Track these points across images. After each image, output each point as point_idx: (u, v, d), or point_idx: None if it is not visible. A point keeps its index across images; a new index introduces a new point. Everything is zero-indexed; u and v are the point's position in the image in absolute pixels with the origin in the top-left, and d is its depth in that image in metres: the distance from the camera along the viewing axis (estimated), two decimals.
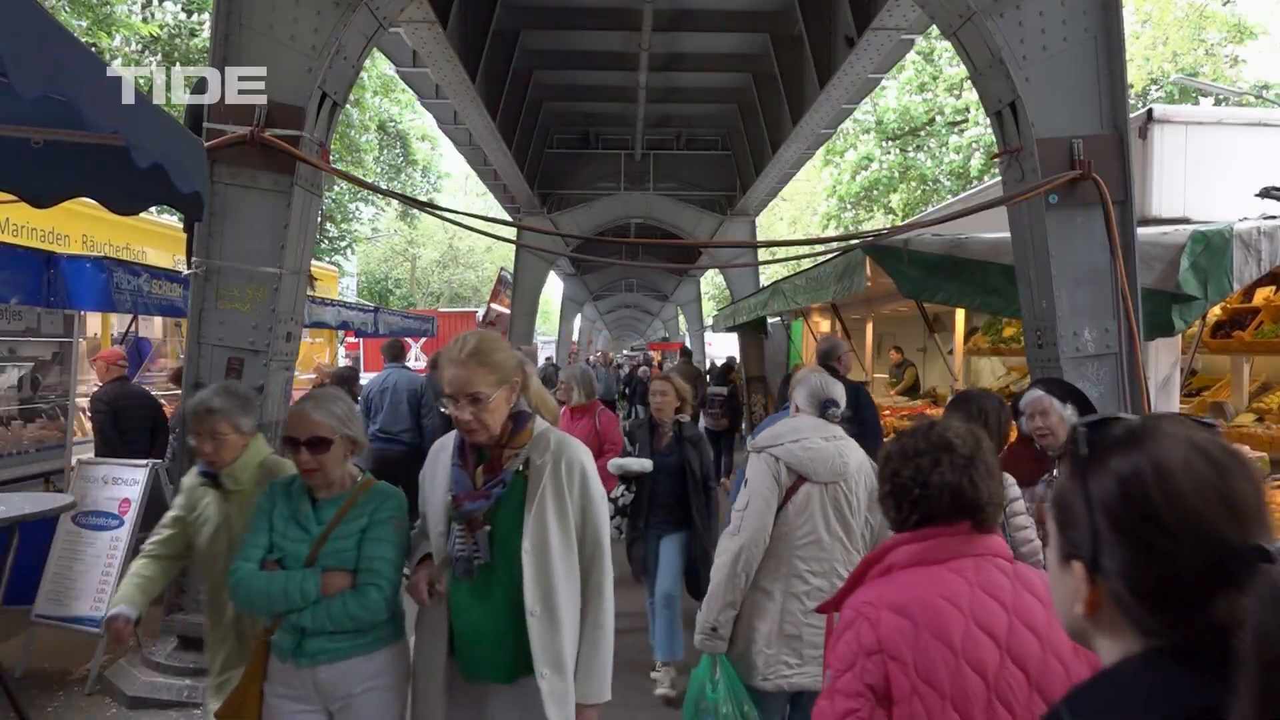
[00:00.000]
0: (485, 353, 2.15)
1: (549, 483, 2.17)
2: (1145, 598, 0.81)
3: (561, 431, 2.30)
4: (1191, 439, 0.84)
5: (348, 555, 2.31)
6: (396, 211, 30.79)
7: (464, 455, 2.25)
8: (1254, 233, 4.88)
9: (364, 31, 4.77)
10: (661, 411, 4.78)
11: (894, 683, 1.45)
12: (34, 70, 1.66)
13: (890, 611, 1.48)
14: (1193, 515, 0.79)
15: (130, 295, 5.78)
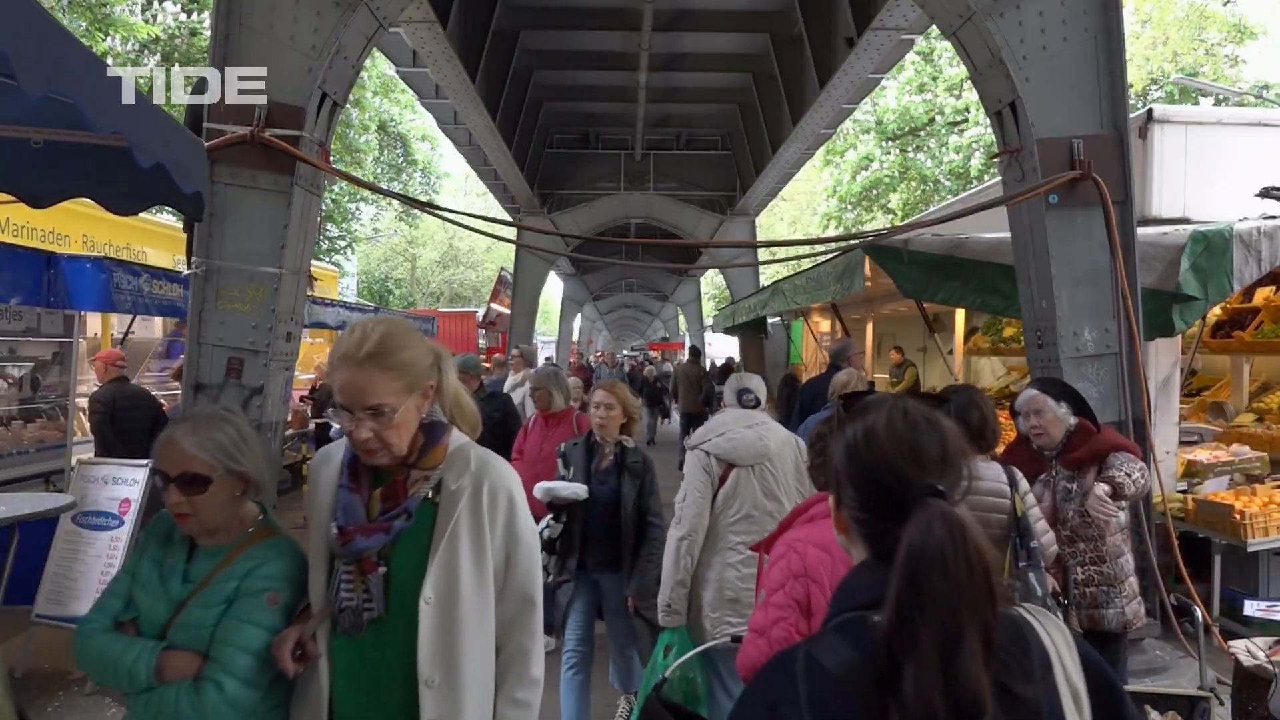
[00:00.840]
0: (390, 352, 1.65)
1: (465, 514, 1.70)
2: (862, 521, 1.11)
3: (484, 449, 1.82)
4: (901, 408, 1.13)
5: (203, 632, 1.74)
6: (397, 212, 30.79)
7: (356, 474, 1.74)
8: (1254, 233, 4.88)
9: (364, 31, 4.77)
10: (605, 429, 3.83)
11: (813, 599, 1.92)
12: (36, 70, 1.66)
13: (814, 547, 1.97)
14: (886, 462, 1.07)
15: (130, 295, 5.78)
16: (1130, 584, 3.14)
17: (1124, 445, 3.15)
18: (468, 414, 1.87)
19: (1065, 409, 3.16)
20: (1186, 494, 5.31)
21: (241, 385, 4.46)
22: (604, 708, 4.20)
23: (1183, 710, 2.81)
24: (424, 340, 1.76)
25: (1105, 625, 3.06)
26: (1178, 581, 4.70)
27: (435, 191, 29.60)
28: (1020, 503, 2.85)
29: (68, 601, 4.60)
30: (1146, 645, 4.51)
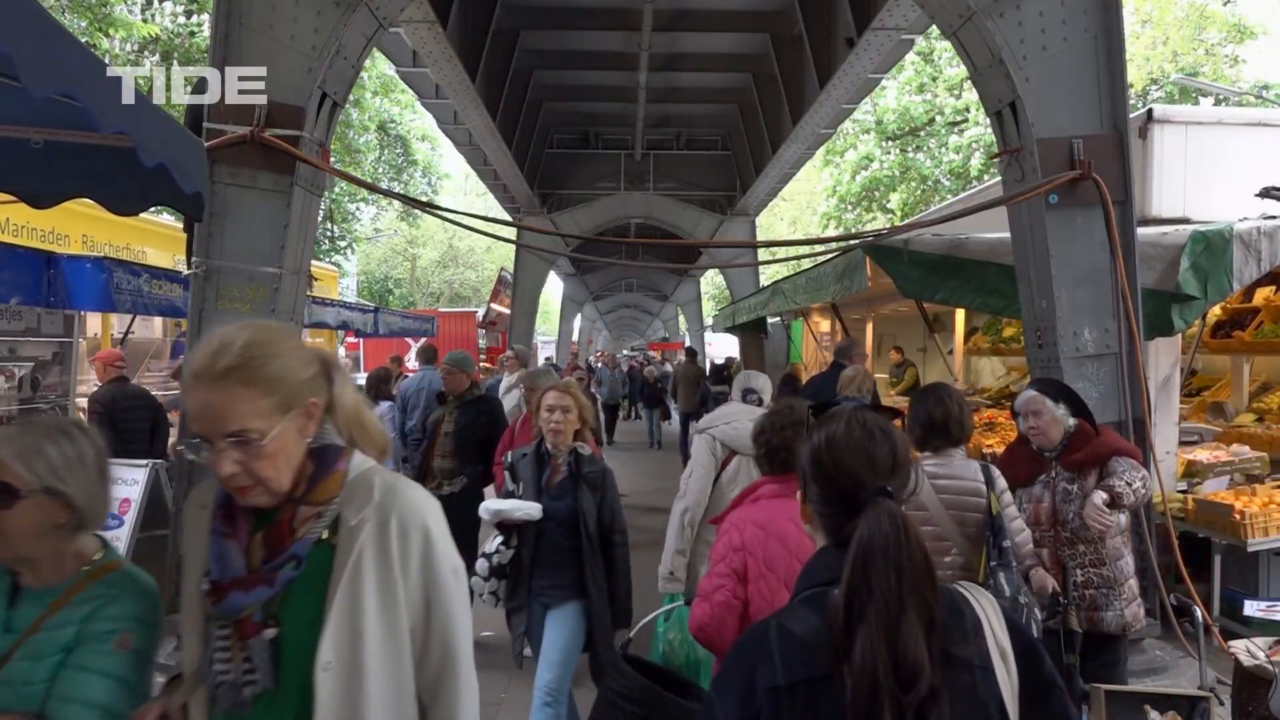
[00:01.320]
0: (255, 363, 1.35)
1: (370, 556, 1.38)
2: (823, 514, 1.31)
3: (392, 473, 1.50)
4: (859, 419, 1.33)
5: (32, 689, 1.43)
6: (398, 212, 30.80)
7: (231, 515, 1.43)
8: (1254, 233, 4.88)
9: (364, 31, 4.77)
10: (558, 436, 3.37)
11: (750, 569, 2.22)
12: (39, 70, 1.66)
13: (752, 525, 2.27)
14: (843, 465, 1.28)
15: (130, 295, 5.78)
16: (1130, 587, 3.14)
17: (1125, 449, 3.14)
18: (372, 433, 1.54)
19: (1064, 410, 3.16)
20: (1186, 494, 5.31)
21: None
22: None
23: (1183, 710, 2.81)
24: (303, 347, 1.46)
25: (1104, 627, 3.06)
26: (1178, 581, 4.70)
27: (435, 191, 29.61)
28: (996, 502, 2.90)
29: None
30: (1146, 645, 4.51)
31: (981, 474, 2.93)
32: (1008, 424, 7.74)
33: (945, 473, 2.98)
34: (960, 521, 2.93)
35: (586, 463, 3.39)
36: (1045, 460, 3.19)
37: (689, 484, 3.57)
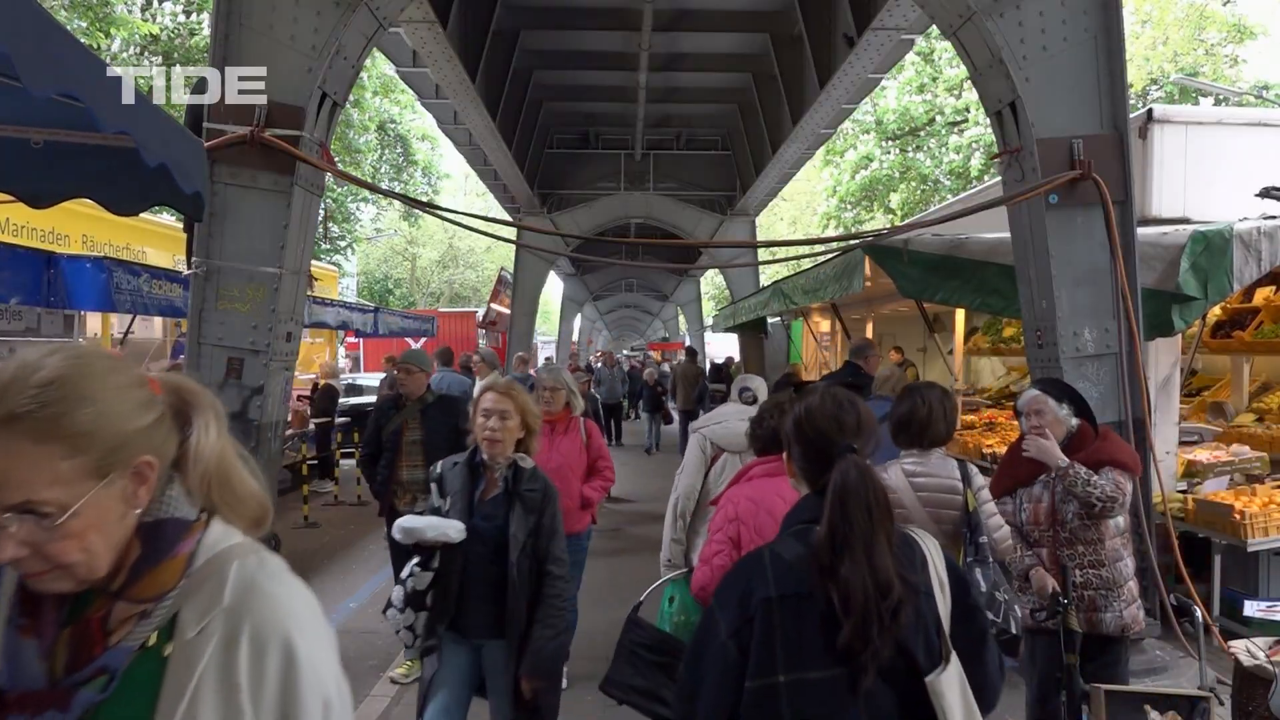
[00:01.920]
0: (52, 409, 0.98)
1: (211, 680, 1.02)
2: (804, 469, 1.66)
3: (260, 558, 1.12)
4: (830, 393, 1.71)
5: None
6: (398, 212, 30.80)
7: (34, 603, 1.06)
8: (1254, 233, 4.88)
9: (364, 31, 4.77)
10: (496, 445, 2.87)
11: (743, 536, 2.52)
12: (40, 71, 1.66)
13: (745, 499, 2.60)
14: (818, 428, 1.64)
15: (130, 295, 5.78)
16: (1129, 588, 3.13)
17: (1120, 460, 3.11)
18: (242, 497, 1.17)
19: (1067, 410, 3.16)
20: (1186, 494, 5.31)
21: (241, 385, 4.47)
22: None
23: (1183, 710, 2.81)
24: (137, 384, 1.08)
25: (1103, 629, 3.06)
26: (1178, 581, 4.70)
27: (435, 191, 29.61)
28: (973, 498, 2.96)
29: None
30: (1146, 645, 4.51)
31: (958, 471, 3.01)
32: (1008, 424, 7.74)
33: (923, 471, 3.07)
34: (937, 519, 3.01)
35: (526, 479, 2.88)
36: None
37: (680, 479, 3.84)
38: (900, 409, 3.20)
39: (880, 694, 1.45)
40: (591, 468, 4.44)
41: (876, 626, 1.41)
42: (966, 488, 2.99)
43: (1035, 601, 3.11)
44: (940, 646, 1.51)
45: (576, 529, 4.29)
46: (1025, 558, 3.17)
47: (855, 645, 1.42)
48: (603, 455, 4.50)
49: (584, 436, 4.41)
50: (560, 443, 4.31)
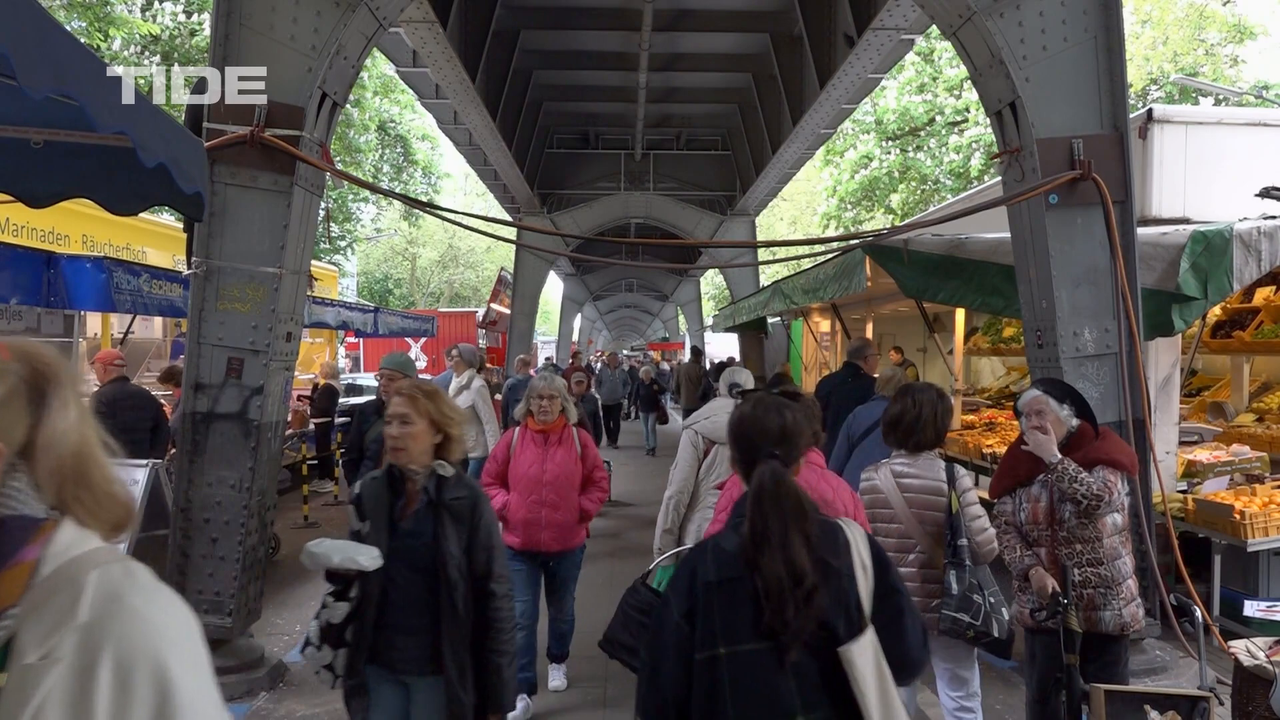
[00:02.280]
0: None
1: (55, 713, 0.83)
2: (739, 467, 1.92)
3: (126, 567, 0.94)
4: (762, 400, 1.95)
5: None
6: (398, 212, 30.81)
7: None
8: (1254, 233, 4.88)
9: (364, 31, 4.77)
10: (401, 455, 2.50)
11: None
12: (38, 70, 1.66)
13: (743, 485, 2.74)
14: (745, 433, 1.88)
15: (130, 295, 5.78)
16: (1128, 587, 3.13)
17: (1117, 460, 3.11)
18: (100, 496, 0.98)
19: (1067, 410, 3.16)
20: (1186, 494, 5.31)
21: (241, 385, 4.46)
22: None
23: (1183, 710, 2.81)
24: None
25: (1102, 627, 3.06)
26: (1178, 581, 4.70)
27: (435, 191, 29.61)
28: (956, 500, 3.02)
29: None
30: (1146, 645, 4.51)
31: (945, 474, 3.09)
32: (1008, 424, 7.74)
33: (912, 472, 3.15)
34: (921, 520, 3.08)
35: (450, 486, 2.50)
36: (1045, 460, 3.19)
37: (674, 474, 4.02)
38: (891, 410, 3.27)
39: (806, 664, 1.67)
40: (587, 479, 4.25)
41: (792, 609, 1.64)
42: (951, 489, 3.03)
43: (1035, 601, 3.11)
44: (859, 621, 1.70)
45: (572, 544, 4.21)
46: (1025, 557, 3.16)
47: (775, 626, 1.65)
48: (598, 466, 4.32)
49: (579, 447, 4.23)
50: (555, 454, 4.14)
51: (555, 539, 4.09)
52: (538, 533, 4.06)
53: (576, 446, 4.21)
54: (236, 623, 4.42)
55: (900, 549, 3.13)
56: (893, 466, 3.21)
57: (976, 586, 2.95)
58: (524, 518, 4.05)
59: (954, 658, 3.14)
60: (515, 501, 4.07)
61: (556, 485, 4.07)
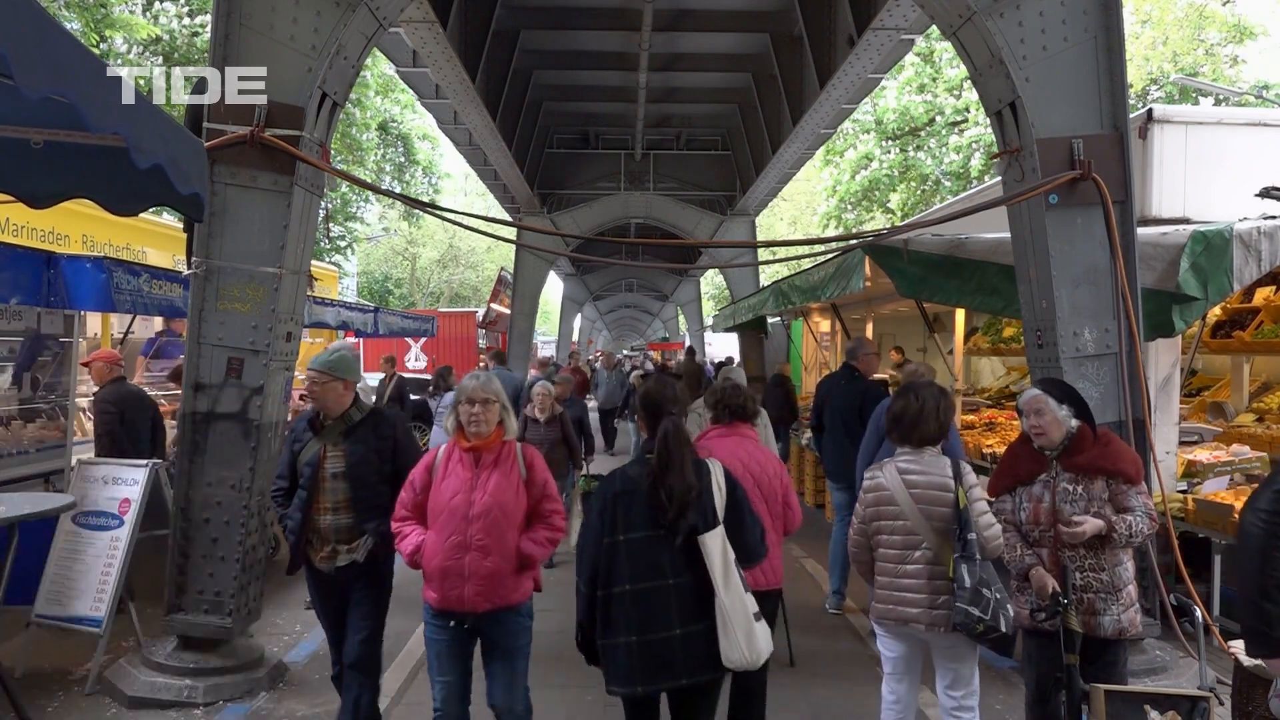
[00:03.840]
0: None
1: None
2: (646, 424, 2.94)
3: None
4: (658, 379, 3.14)
5: None
6: (399, 212, 30.82)
7: None
8: (1254, 233, 4.88)
9: (364, 31, 4.77)
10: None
11: None
12: (36, 70, 1.66)
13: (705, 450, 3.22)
14: (654, 401, 2.92)
15: (130, 295, 5.77)
16: (1128, 592, 3.13)
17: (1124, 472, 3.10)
18: None
19: (1066, 411, 3.15)
20: (1186, 494, 5.31)
21: (241, 385, 4.46)
22: None
23: (1183, 710, 2.81)
24: None
25: (1100, 632, 3.06)
26: (1178, 581, 4.69)
27: (436, 191, 29.61)
28: (964, 496, 3.03)
29: (68, 601, 4.60)
30: (1146, 645, 4.51)
31: (951, 470, 3.11)
32: (1008, 424, 7.74)
33: (917, 469, 3.15)
34: (928, 515, 3.09)
35: None
36: (1046, 459, 3.19)
37: None
38: (894, 407, 3.28)
39: (678, 548, 2.71)
40: (534, 512, 3.19)
41: (682, 508, 2.69)
42: (958, 485, 3.04)
43: (1035, 601, 3.11)
44: (713, 520, 2.74)
45: (509, 600, 3.10)
46: (1026, 557, 3.16)
47: (674, 519, 2.69)
48: (549, 495, 3.25)
49: (523, 470, 3.21)
50: (490, 480, 3.12)
51: (483, 593, 3.02)
52: (458, 585, 3.02)
53: (520, 469, 3.20)
54: (236, 623, 4.42)
55: (906, 545, 3.12)
56: (898, 464, 3.20)
57: (985, 581, 2.94)
58: (441, 565, 3.03)
59: (956, 657, 3.14)
60: (432, 543, 3.07)
61: (488, 521, 3.04)
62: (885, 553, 3.18)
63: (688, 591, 2.69)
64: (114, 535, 4.70)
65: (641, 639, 2.69)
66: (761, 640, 2.74)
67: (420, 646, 5.19)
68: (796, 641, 4.94)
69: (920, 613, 3.06)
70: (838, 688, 4.58)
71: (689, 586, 2.69)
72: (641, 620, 2.69)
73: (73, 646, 4.77)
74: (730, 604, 2.68)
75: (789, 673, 4.76)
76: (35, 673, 4.61)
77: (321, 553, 3.49)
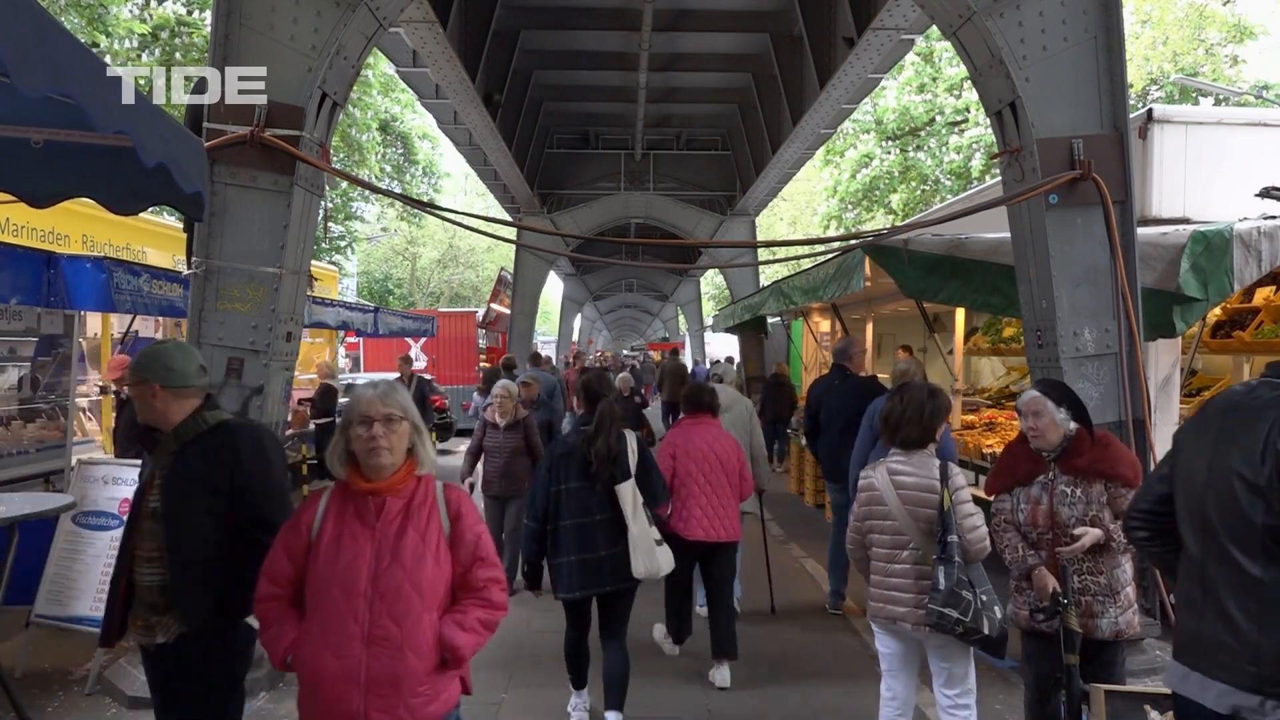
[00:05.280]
0: None
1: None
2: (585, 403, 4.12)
3: None
4: (598, 372, 4.55)
5: None
6: (400, 212, 30.83)
7: None
8: (1254, 233, 4.88)
9: (364, 31, 4.77)
10: None
11: (677, 457, 4.63)
12: (37, 70, 1.66)
13: (677, 437, 4.74)
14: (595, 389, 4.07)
15: (130, 295, 5.77)
16: (1127, 594, 3.13)
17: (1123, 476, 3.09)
18: None
19: (1064, 414, 3.15)
20: None
21: (241, 385, 4.47)
22: None
23: None
24: None
25: (1098, 634, 3.06)
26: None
27: (436, 191, 29.61)
28: (948, 498, 3.07)
29: (68, 602, 4.60)
30: (1146, 645, 4.51)
31: (938, 471, 3.16)
32: (1008, 424, 7.74)
33: (907, 470, 3.21)
34: (914, 516, 3.14)
35: None
36: (1044, 461, 3.19)
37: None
38: (884, 408, 3.35)
39: (601, 493, 3.80)
40: (463, 582, 2.26)
41: (607, 465, 3.78)
42: (944, 487, 3.06)
43: (1034, 602, 3.11)
44: (627, 474, 3.83)
45: (431, 716, 2.15)
46: (1028, 557, 3.16)
47: (599, 473, 3.79)
48: (484, 557, 2.28)
49: (446, 522, 2.26)
50: (396, 538, 2.18)
51: (388, 709, 2.09)
52: (350, 697, 2.08)
53: (441, 521, 2.25)
54: None
55: (894, 545, 3.17)
56: (889, 464, 3.26)
57: (966, 583, 2.97)
58: (324, 670, 2.10)
59: (948, 656, 3.15)
60: (315, 636, 2.13)
61: (395, 600, 2.11)
62: (876, 551, 3.27)
63: (609, 525, 3.81)
64: (114, 535, 4.69)
65: (579, 558, 3.79)
66: (662, 560, 3.85)
67: None
68: (796, 641, 5.08)
69: (907, 611, 3.12)
70: (838, 687, 4.58)
71: (610, 521, 3.81)
72: (578, 545, 3.79)
73: (73, 646, 4.77)
74: (638, 534, 3.80)
75: (789, 673, 4.77)
76: (35, 673, 4.61)
77: (138, 620, 2.53)
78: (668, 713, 4.31)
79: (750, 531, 5.48)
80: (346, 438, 2.24)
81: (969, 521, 3.10)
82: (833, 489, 6.12)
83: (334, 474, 2.27)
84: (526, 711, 4.31)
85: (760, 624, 5.59)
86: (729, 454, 4.67)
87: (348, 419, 2.24)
